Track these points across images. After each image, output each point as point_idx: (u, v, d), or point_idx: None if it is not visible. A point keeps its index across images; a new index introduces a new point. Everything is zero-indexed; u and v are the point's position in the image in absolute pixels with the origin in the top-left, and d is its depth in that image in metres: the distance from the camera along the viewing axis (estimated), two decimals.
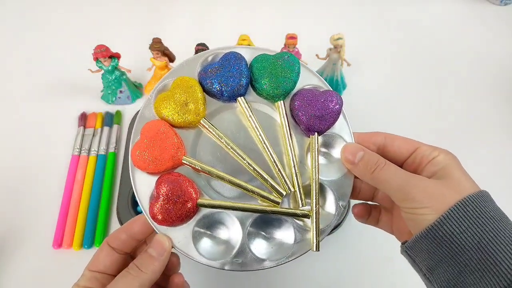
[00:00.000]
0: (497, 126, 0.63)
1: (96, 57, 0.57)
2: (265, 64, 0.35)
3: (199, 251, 0.32)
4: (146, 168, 0.33)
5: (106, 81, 0.60)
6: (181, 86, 0.34)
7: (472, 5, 0.79)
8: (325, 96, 0.35)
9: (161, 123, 0.33)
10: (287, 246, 0.33)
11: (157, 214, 0.31)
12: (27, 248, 0.51)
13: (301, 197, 0.33)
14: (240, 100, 0.35)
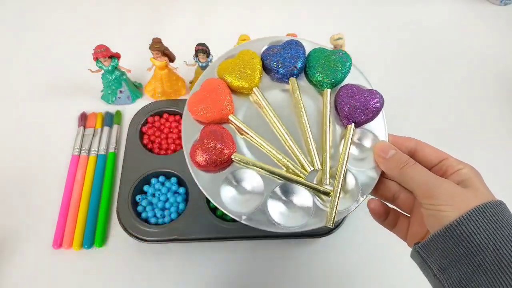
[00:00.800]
0: (498, 126, 0.63)
1: (96, 57, 0.56)
2: (321, 55, 0.40)
3: (223, 198, 0.35)
4: (197, 114, 0.37)
5: (106, 81, 0.60)
6: (244, 56, 0.39)
7: (472, 5, 0.79)
8: (369, 92, 0.38)
9: (220, 81, 0.38)
10: (302, 218, 0.35)
11: (196, 155, 0.35)
12: (27, 248, 0.51)
13: (326, 176, 0.36)
14: (292, 80, 0.39)
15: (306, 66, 0.40)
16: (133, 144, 0.57)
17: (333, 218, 0.35)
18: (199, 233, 0.50)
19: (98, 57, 0.56)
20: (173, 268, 0.50)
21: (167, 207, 0.53)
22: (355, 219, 0.54)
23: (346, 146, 0.37)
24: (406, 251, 0.52)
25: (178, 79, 0.63)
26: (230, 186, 0.36)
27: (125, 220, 0.51)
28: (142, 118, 0.60)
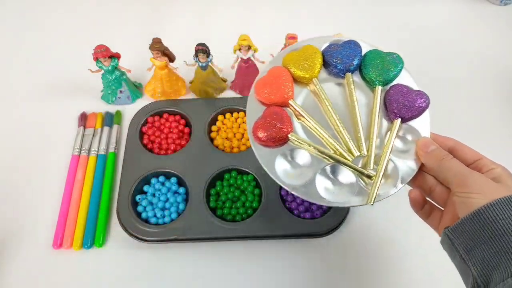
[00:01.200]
0: (498, 126, 0.63)
1: (96, 57, 0.57)
2: (376, 56, 0.44)
3: (277, 171, 0.40)
4: (261, 96, 0.42)
5: (106, 81, 0.60)
6: (308, 50, 0.44)
7: (472, 5, 0.79)
8: (417, 93, 0.42)
9: (284, 70, 0.43)
10: (346, 195, 0.40)
11: (258, 130, 0.40)
12: (27, 248, 0.51)
13: (371, 161, 0.40)
14: (348, 75, 0.43)
15: (361, 64, 0.44)
16: (133, 144, 0.57)
17: (374, 198, 0.39)
18: (199, 233, 0.50)
19: (98, 57, 0.56)
20: (173, 268, 0.51)
21: (167, 207, 0.53)
22: (355, 219, 0.54)
23: (391, 138, 0.41)
24: (406, 251, 0.52)
25: (178, 79, 0.63)
26: (285, 160, 0.41)
27: (125, 220, 0.51)
28: (142, 118, 0.60)
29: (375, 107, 0.42)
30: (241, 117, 0.61)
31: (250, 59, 0.60)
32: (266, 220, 0.51)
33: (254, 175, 0.54)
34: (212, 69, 0.61)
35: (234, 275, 0.50)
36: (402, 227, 0.54)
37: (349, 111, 0.43)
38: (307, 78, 0.43)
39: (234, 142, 0.58)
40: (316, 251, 0.52)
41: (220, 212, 0.52)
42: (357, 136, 0.41)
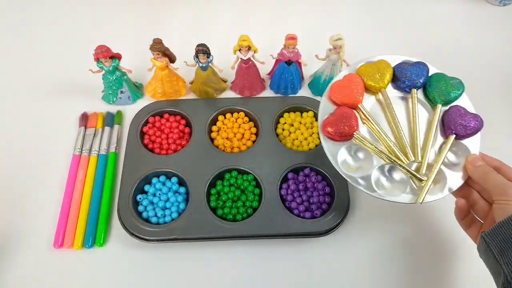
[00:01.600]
0: (497, 126, 0.63)
1: (97, 57, 0.57)
2: (441, 78, 0.50)
3: (339, 164, 0.47)
4: (335, 96, 0.49)
5: (107, 81, 0.60)
6: (381, 64, 0.51)
7: (471, 6, 0.80)
8: (473, 115, 0.48)
9: (358, 77, 0.50)
10: (397, 192, 0.46)
11: (328, 125, 0.47)
12: (28, 247, 0.51)
13: (424, 167, 0.46)
14: (414, 91, 0.50)
15: (426, 84, 0.51)
16: (134, 144, 0.57)
17: (423, 198, 0.45)
18: (200, 233, 0.50)
19: (99, 57, 0.57)
20: (174, 267, 0.51)
21: (168, 207, 0.53)
22: (355, 219, 0.54)
23: (445, 150, 0.47)
24: (406, 251, 0.53)
25: (178, 79, 0.63)
26: (348, 154, 0.48)
27: (126, 220, 0.51)
28: (143, 118, 0.60)
29: (434, 122, 0.48)
30: (241, 117, 0.61)
31: (250, 60, 0.60)
32: (266, 219, 0.51)
33: (254, 174, 0.54)
34: (213, 70, 0.61)
35: (234, 274, 0.50)
36: (402, 227, 0.54)
37: (408, 122, 0.49)
38: (376, 88, 0.50)
39: (235, 142, 0.59)
40: (315, 250, 0.52)
41: (220, 212, 0.52)
42: (414, 143, 0.47)
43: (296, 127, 0.60)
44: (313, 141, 0.59)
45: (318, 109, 0.60)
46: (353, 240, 0.53)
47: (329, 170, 0.54)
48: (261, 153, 0.56)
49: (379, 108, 0.51)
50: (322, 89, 0.64)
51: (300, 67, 0.63)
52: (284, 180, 0.55)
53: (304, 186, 0.54)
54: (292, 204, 0.53)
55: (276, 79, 0.63)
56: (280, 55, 0.60)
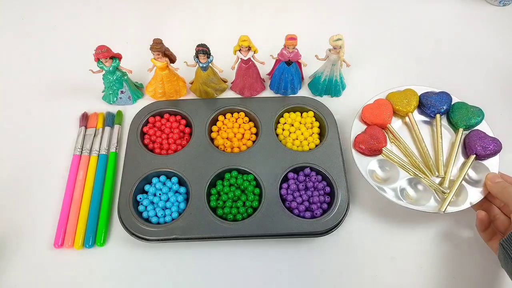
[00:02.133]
0: (498, 126, 0.63)
1: (97, 57, 0.57)
2: (463, 106, 0.57)
3: (367, 172, 0.53)
4: (367, 117, 0.57)
5: (107, 81, 0.60)
6: (408, 92, 0.59)
7: (470, 6, 0.80)
8: (492, 139, 0.54)
9: (388, 102, 0.58)
10: (421, 202, 0.51)
11: (359, 142, 0.54)
12: (28, 247, 0.51)
13: (447, 181, 0.52)
14: (438, 116, 0.57)
15: (449, 110, 0.58)
16: (134, 144, 0.57)
17: (445, 207, 0.50)
18: (200, 233, 0.50)
19: (99, 57, 0.57)
20: (174, 267, 0.51)
21: (168, 207, 0.53)
22: (354, 219, 0.54)
23: (466, 167, 0.53)
24: (405, 251, 0.53)
25: (178, 79, 0.63)
26: (377, 166, 0.54)
27: (126, 220, 0.51)
28: (143, 118, 0.60)
29: (456, 143, 0.55)
30: (241, 117, 0.61)
31: (250, 60, 0.60)
32: (266, 219, 0.51)
33: (254, 174, 0.54)
34: (213, 70, 0.61)
35: (234, 274, 0.50)
36: (402, 227, 0.54)
37: (432, 142, 0.57)
38: (403, 112, 0.58)
39: (235, 142, 0.59)
40: (316, 250, 0.52)
41: (220, 212, 0.52)
42: (438, 160, 0.54)
43: (296, 127, 0.60)
44: (313, 141, 0.59)
45: (318, 109, 0.61)
46: (353, 240, 0.53)
47: (329, 170, 0.54)
48: (261, 153, 0.56)
49: (406, 129, 0.58)
50: (322, 89, 0.65)
51: (300, 67, 0.63)
52: (284, 180, 0.55)
53: (304, 186, 0.54)
54: (292, 204, 0.53)
55: (276, 79, 0.63)
56: (280, 55, 0.60)
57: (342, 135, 0.59)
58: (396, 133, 0.56)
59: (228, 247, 0.52)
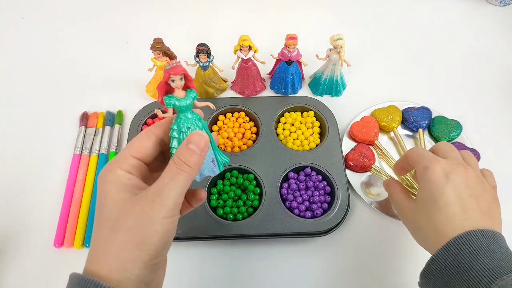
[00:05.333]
0: (498, 126, 0.63)
1: (168, 78, 0.33)
2: (443, 120, 0.61)
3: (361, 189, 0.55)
4: (355, 134, 0.59)
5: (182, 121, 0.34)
6: (391, 108, 0.62)
7: (471, 6, 0.80)
8: (471, 149, 0.58)
9: (373, 119, 0.61)
10: None
11: (349, 159, 0.57)
12: (28, 247, 0.51)
13: None
14: (421, 130, 0.60)
15: (430, 124, 0.61)
16: None
17: None
18: (200, 232, 0.50)
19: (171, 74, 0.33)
20: (174, 266, 0.50)
21: None
22: (355, 218, 0.54)
23: None
24: (405, 251, 0.53)
25: None
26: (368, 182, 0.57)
27: None
28: (144, 118, 0.60)
29: None
30: (241, 116, 0.61)
31: (250, 60, 0.60)
32: (266, 219, 0.51)
33: (255, 174, 0.54)
34: (213, 69, 0.61)
35: (234, 273, 0.50)
36: (402, 226, 0.54)
37: None
38: (389, 128, 0.60)
39: (235, 141, 0.59)
40: (316, 250, 0.52)
41: (221, 211, 0.52)
42: None
43: (296, 126, 0.60)
44: (314, 141, 0.59)
45: (318, 108, 0.61)
46: (354, 239, 0.53)
47: (330, 170, 0.54)
48: (261, 153, 0.56)
49: (392, 144, 0.61)
50: (323, 89, 0.65)
51: (300, 67, 0.63)
52: (284, 179, 0.55)
53: (305, 186, 0.54)
54: (293, 204, 0.53)
55: (277, 79, 0.63)
56: (280, 55, 0.60)
57: (342, 134, 0.59)
58: (384, 149, 0.58)
59: (228, 247, 0.52)
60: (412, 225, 0.42)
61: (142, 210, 0.29)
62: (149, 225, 0.28)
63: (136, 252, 0.28)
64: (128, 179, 0.30)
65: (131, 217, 0.29)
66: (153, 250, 0.29)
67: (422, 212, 0.39)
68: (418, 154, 0.42)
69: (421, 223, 0.39)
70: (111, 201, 0.30)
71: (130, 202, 0.29)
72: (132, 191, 0.30)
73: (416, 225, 0.41)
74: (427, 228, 0.39)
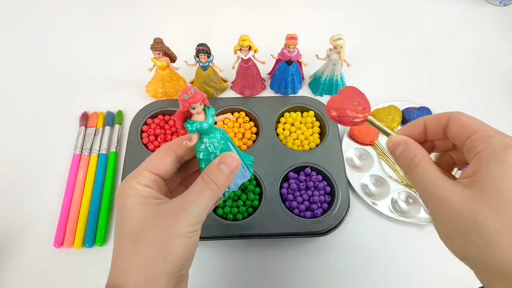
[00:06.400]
0: (498, 126, 0.63)
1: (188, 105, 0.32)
2: None
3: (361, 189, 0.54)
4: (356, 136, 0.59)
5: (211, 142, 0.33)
6: (391, 108, 0.62)
7: (471, 6, 0.80)
8: None
9: None
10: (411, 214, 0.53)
11: (333, 104, 0.34)
12: (28, 247, 0.51)
13: None
14: None
15: None
16: (134, 143, 0.57)
17: None
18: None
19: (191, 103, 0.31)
20: None
21: None
22: (355, 218, 0.54)
23: None
24: (405, 250, 0.52)
25: (179, 79, 0.63)
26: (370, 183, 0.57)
27: None
28: (143, 118, 0.60)
29: None
30: (242, 116, 0.61)
31: (250, 59, 0.60)
32: (266, 219, 0.51)
33: (255, 174, 0.54)
34: (213, 69, 0.61)
35: (234, 273, 0.50)
36: (402, 226, 0.54)
37: None
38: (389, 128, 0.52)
39: (235, 141, 0.59)
40: (316, 250, 0.52)
41: (221, 211, 0.52)
42: None
43: (296, 126, 0.60)
44: (314, 141, 0.59)
45: (318, 108, 0.61)
46: (354, 239, 0.53)
47: (330, 170, 0.54)
48: (261, 153, 0.56)
49: None
50: (323, 89, 0.65)
51: (300, 67, 0.63)
52: (284, 179, 0.55)
53: (305, 186, 0.54)
54: (293, 204, 0.53)
55: (277, 79, 0.63)
56: (280, 55, 0.60)
57: (342, 134, 0.59)
58: (384, 148, 0.58)
59: (228, 246, 0.52)
60: (459, 223, 0.26)
61: (167, 224, 0.29)
62: (173, 238, 0.28)
63: (162, 265, 0.28)
64: (147, 193, 0.30)
65: (155, 230, 0.28)
66: (178, 263, 0.29)
67: (486, 202, 0.25)
68: (479, 124, 0.29)
69: (484, 224, 0.24)
70: (133, 214, 0.29)
71: (153, 214, 0.29)
72: (153, 203, 0.30)
73: (470, 225, 0.25)
74: (498, 234, 0.24)
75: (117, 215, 0.31)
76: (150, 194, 0.30)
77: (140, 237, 0.29)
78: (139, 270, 0.28)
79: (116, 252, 0.30)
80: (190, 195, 0.30)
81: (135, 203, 0.30)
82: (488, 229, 0.24)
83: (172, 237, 0.28)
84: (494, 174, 0.25)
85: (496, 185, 0.24)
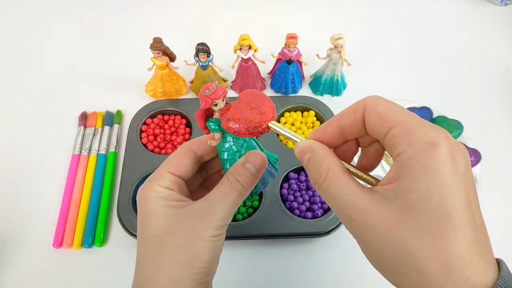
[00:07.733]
0: (498, 126, 0.63)
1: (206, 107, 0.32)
2: (444, 120, 0.59)
3: None
4: None
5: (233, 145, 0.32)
6: None
7: (471, 5, 0.80)
8: (472, 150, 0.56)
9: None
10: None
11: (228, 116, 0.28)
12: (27, 247, 0.51)
13: None
14: None
15: None
16: (134, 143, 0.57)
17: None
18: None
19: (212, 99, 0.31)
20: None
21: None
22: None
23: None
24: None
25: (178, 78, 0.63)
26: None
27: (125, 220, 0.51)
28: (143, 117, 0.60)
29: None
30: None
31: (250, 59, 0.60)
32: (266, 219, 0.50)
33: None
34: (213, 69, 0.61)
35: (234, 274, 0.50)
36: None
37: None
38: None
39: None
40: (317, 250, 0.51)
41: None
42: None
43: (297, 126, 0.60)
44: None
45: (319, 108, 0.60)
46: (354, 240, 0.52)
47: None
48: None
49: None
50: (323, 89, 0.65)
51: (300, 67, 0.63)
52: (285, 180, 0.55)
53: (305, 186, 0.54)
54: (293, 204, 0.52)
55: (277, 78, 0.62)
56: (280, 54, 0.59)
57: None
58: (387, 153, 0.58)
59: (228, 247, 0.52)
60: (387, 252, 0.24)
61: (191, 227, 0.28)
62: (199, 242, 0.27)
63: (187, 270, 0.27)
64: (169, 195, 0.29)
65: (180, 234, 0.28)
66: (204, 268, 0.28)
67: (413, 225, 0.21)
68: (400, 114, 0.22)
69: (413, 253, 0.21)
70: (156, 217, 0.28)
71: (177, 217, 0.28)
72: (176, 205, 0.29)
73: (399, 255, 0.22)
74: (429, 261, 0.21)
75: (139, 218, 0.30)
76: (172, 196, 0.29)
77: (165, 241, 0.28)
78: (164, 275, 0.27)
79: (140, 256, 0.29)
80: (215, 196, 0.29)
81: (157, 206, 0.29)
82: (417, 258, 0.21)
83: (197, 242, 0.27)
84: (419, 186, 0.21)
85: (422, 202, 0.21)
